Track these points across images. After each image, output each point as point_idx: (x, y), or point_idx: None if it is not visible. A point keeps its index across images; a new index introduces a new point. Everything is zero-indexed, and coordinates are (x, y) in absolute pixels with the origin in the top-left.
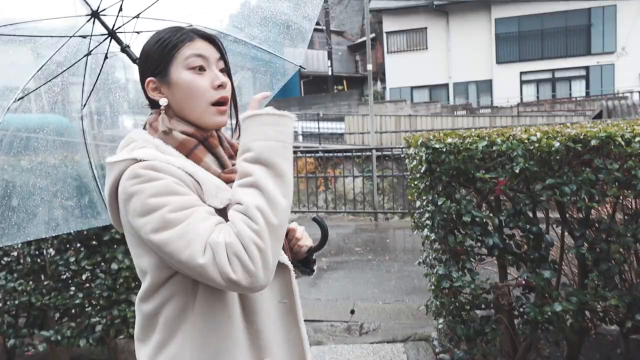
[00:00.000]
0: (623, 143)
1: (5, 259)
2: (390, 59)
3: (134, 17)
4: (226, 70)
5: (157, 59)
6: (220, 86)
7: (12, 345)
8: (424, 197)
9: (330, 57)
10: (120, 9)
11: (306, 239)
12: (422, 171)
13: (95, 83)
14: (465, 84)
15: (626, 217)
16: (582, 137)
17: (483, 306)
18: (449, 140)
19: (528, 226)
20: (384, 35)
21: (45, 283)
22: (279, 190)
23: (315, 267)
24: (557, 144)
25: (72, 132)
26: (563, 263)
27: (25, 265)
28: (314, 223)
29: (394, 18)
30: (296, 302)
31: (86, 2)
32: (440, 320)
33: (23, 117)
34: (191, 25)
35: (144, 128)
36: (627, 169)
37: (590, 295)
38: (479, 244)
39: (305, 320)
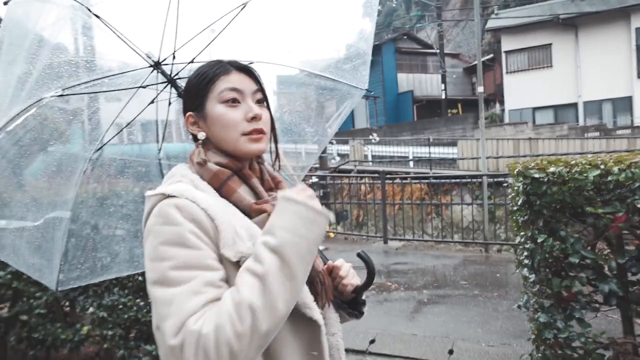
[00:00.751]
0: None
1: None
2: (509, 79)
3: (189, 63)
4: (264, 101)
5: (194, 93)
6: (254, 118)
7: (122, 355)
8: (522, 233)
9: (444, 80)
10: (174, 57)
11: (352, 277)
12: (519, 204)
13: (165, 129)
14: (598, 103)
15: None
16: None
17: None
18: (552, 168)
19: None
20: (503, 54)
21: (149, 301)
22: (283, 295)
23: (364, 309)
24: None
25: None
26: None
27: (135, 283)
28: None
29: (514, 36)
30: (324, 354)
31: (148, 56)
32: None
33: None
34: (251, 62)
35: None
36: None
37: None
38: (592, 290)
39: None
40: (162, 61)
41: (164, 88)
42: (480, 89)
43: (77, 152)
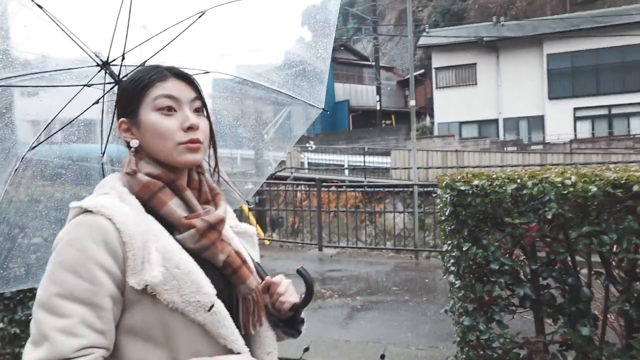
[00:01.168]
0: None
1: None
2: (438, 94)
3: (139, 66)
4: (202, 110)
5: (128, 99)
6: (190, 128)
7: None
8: (449, 242)
9: (379, 92)
10: (123, 58)
11: (290, 294)
12: (446, 214)
13: (110, 131)
14: (515, 120)
15: None
16: (623, 181)
17: None
18: (476, 182)
19: (564, 277)
20: (433, 70)
21: None
22: None
23: (302, 328)
24: (594, 189)
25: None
26: (611, 317)
27: None
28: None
29: (443, 54)
30: None
31: (96, 55)
32: None
33: (86, 147)
34: (207, 72)
35: None
36: None
37: (637, 358)
38: (509, 294)
39: None
40: (111, 61)
41: (111, 89)
42: (412, 102)
43: (8, 148)
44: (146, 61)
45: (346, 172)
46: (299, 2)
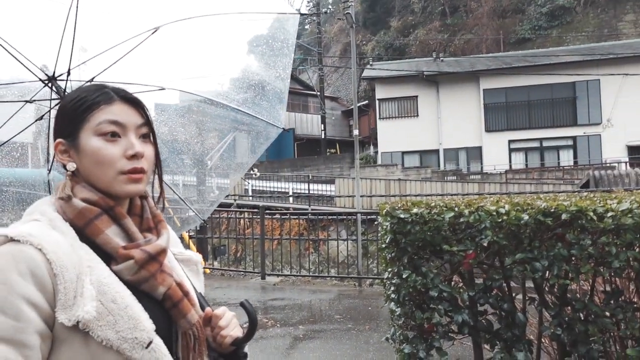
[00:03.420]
0: (595, 218)
1: None
2: (382, 124)
3: (87, 82)
4: (149, 136)
5: (69, 119)
6: (134, 156)
7: None
8: (389, 269)
9: (323, 121)
10: (69, 73)
11: (233, 328)
12: (387, 241)
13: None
14: (455, 150)
15: (605, 296)
16: (552, 210)
17: None
18: (415, 210)
19: (500, 303)
20: (377, 101)
21: None
22: None
23: None
24: (526, 217)
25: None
26: (545, 341)
27: None
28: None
29: (386, 86)
30: None
31: (42, 70)
32: None
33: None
34: (162, 88)
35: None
36: (602, 245)
37: None
38: (448, 320)
39: None
40: (58, 76)
41: (57, 105)
42: (356, 131)
43: None
44: (95, 77)
45: (290, 199)
46: (256, 22)
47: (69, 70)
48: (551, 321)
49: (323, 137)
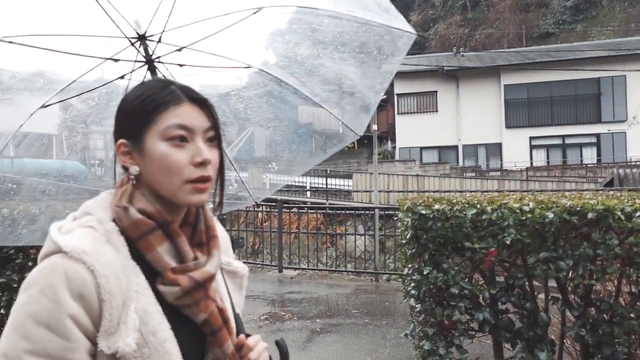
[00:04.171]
0: (623, 217)
1: None
2: (400, 120)
3: (176, 50)
4: (215, 140)
5: (133, 120)
6: (202, 164)
7: None
8: (410, 265)
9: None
10: (160, 41)
11: None
12: (407, 237)
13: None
14: (474, 147)
15: (631, 297)
16: (578, 209)
17: None
18: (437, 206)
19: (522, 302)
20: (395, 97)
21: None
22: None
23: None
24: (551, 216)
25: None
26: (567, 342)
27: None
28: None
29: (405, 81)
30: None
31: (131, 26)
32: None
33: (40, 162)
34: (249, 66)
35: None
36: (629, 245)
37: None
38: (469, 318)
39: None
40: (149, 36)
41: (139, 67)
42: (374, 126)
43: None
44: (184, 47)
45: (308, 193)
46: (366, 30)
47: (162, 31)
48: (575, 322)
49: (340, 131)
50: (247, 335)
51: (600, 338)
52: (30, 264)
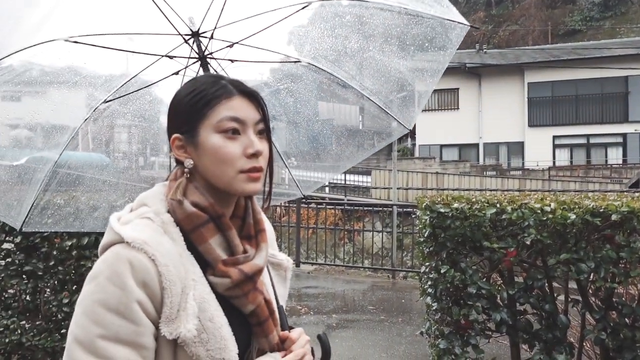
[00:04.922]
0: None
1: (4, 295)
2: (421, 117)
3: (227, 46)
4: (264, 132)
5: (186, 114)
6: (254, 155)
7: None
8: (427, 263)
9: (361, 112)
10: (212, 37)
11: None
12: (425, 235)
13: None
14: (496, 145)
15: None
16: (601, 210)
17: None
18: (456, 204)
19: (541, 303)
20: None
21: (37, 323)
22: None
23: None
24: (573, 217)
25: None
26: (587, 345)
27: (21, 303)
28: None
29: None
30: None
31: (185, 23)
32: None
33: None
34: (299, 60)
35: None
36: None
37: None
38: (486, 318)
39: None
40: (202, 33)
41: (192, 63)
42: (394, 123)
43: (83, 99)
44: (235, 43)
45: (327, 189)
46: (417, 22)
47: (214, 27)
48: (595, 325)
49: (360, 127)
50: (290, 328)
51: (621, 342)
52: (55, 252)
